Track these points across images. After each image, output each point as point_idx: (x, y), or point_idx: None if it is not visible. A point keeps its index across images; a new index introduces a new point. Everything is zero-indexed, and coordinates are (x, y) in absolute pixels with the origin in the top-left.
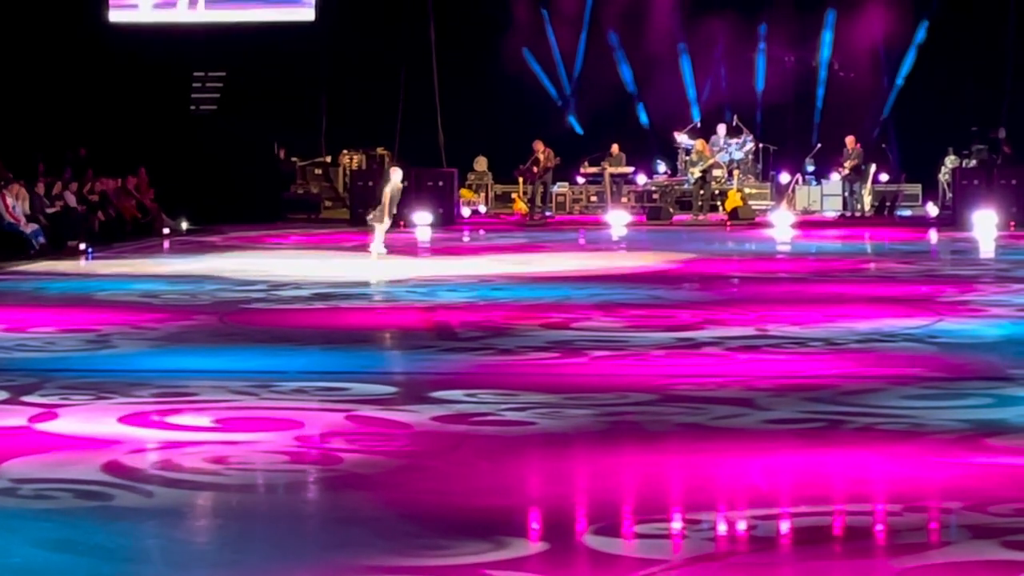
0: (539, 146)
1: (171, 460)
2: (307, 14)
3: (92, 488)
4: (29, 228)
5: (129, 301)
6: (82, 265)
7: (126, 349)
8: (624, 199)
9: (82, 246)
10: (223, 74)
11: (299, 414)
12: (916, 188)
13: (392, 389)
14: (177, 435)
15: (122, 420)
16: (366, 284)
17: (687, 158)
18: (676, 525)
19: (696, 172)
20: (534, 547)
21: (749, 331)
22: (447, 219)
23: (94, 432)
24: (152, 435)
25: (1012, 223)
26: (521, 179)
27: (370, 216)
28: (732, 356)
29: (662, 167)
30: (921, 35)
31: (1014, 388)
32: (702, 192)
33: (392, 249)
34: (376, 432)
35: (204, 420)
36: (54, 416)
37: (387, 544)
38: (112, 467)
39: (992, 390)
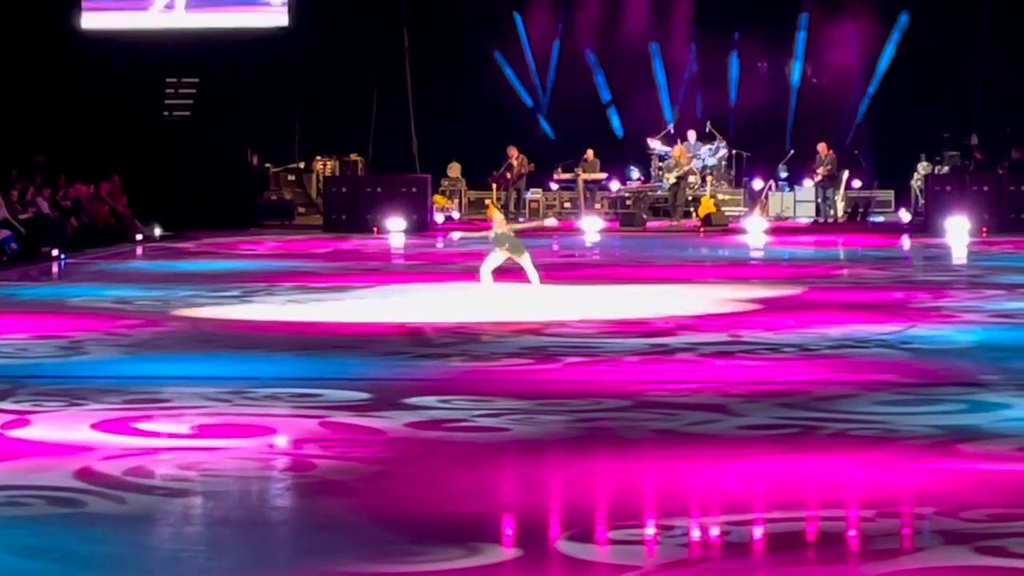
0: (513, 152)
1: (144, 467)
2: (280, 19)
3: (65, 495)
4: (1, 234)
5: (103, 307)
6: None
7: (99, 355)
8: (597, 205)
9: (55, 252)
10: (196, 80)
11: (272, 420)
12: (889, 194)
13: (365, 395)
14: (150, 441)
15: (95, 427)
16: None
17: (661, 164)
18: (649, 531)
19: (671, 178)
20: (508, 553)
21: (722, 337)
22: (420, 225)
23: (66, 439)
24: (125, 441)
25: (984, 229)
26: (495, 185)
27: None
28: (706, 362)
29: (635, 173)
30: (895, 39)
31: (986, 394)
32: (676, 197)
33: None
34: (351, 439)
35: (178, 426)
36: (27, 423)
37: (360, 551)
38: (85, 473)
39: (965, 396)
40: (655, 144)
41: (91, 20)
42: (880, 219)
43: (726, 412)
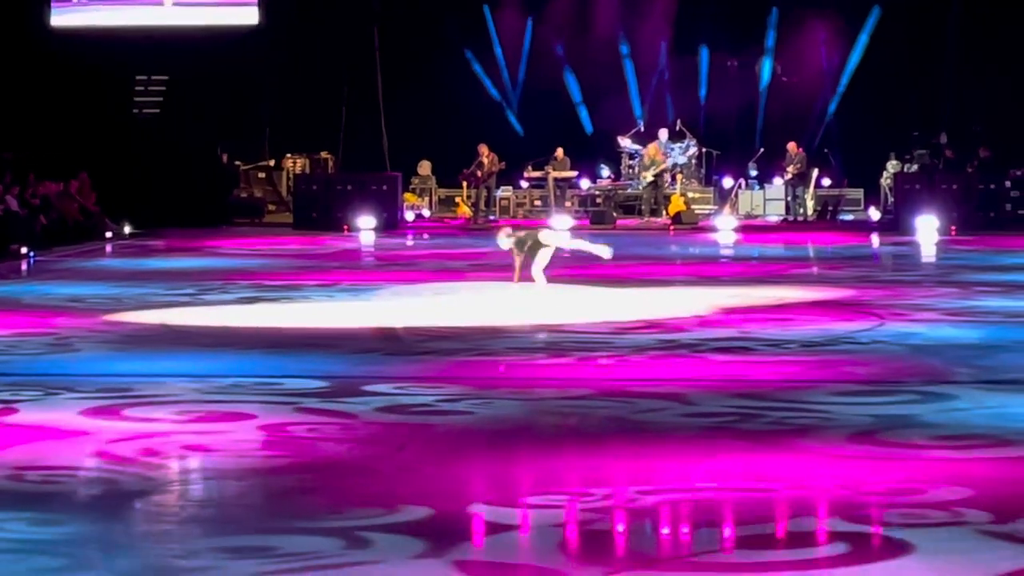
0: (484, 150)
1: (113, 458)
2: (251, 16)
3: (32, 487)
4: None
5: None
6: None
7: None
8: (568, 203)
9: (24, 250)
10: (166, 78)
11: (242, 407)
12: (858, 193)
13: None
14: (118, 433)
15: (69, 418)
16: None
17: (631, 162)
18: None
19: (648, 176)
20: (474, 550)
21: (693, 334)
22: (390, 223)
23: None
24: (96, 433)
25: (953, 227)
26: (465, 183)
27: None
28: (672, 360)
29: (606, 172)
30: (864, 38)
31: (951, 389)
32: (654, 196)
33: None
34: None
35: (150, 422)
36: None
37: (328, 547)
38: (57, 464)
39: (923, 389)
40: (625, 142)
41: (60, 17)
42: (850, 217)
43: (679, 402)
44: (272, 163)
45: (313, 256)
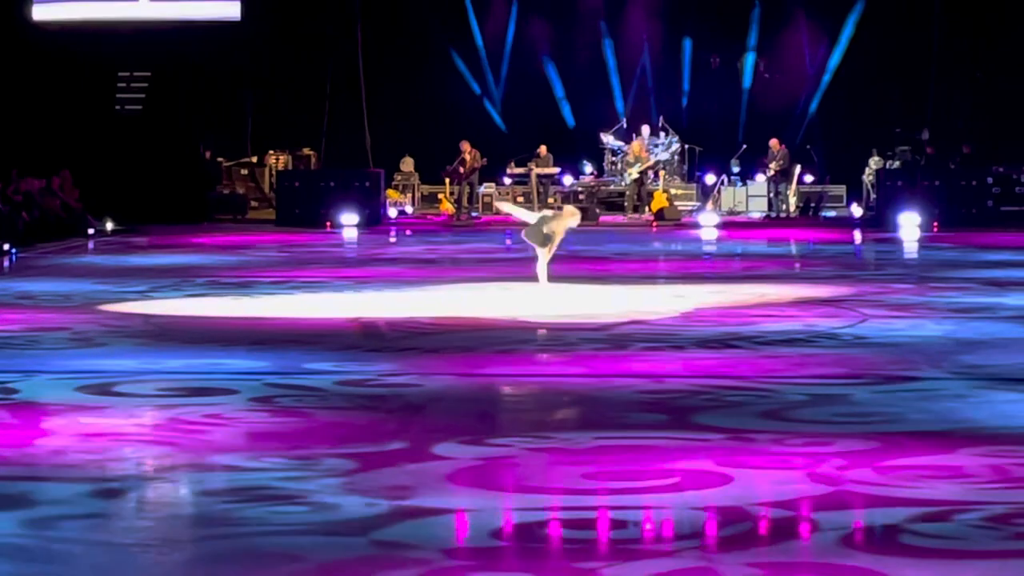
0: (466, 146)
1: (96, 461)
2: (233, 11)
3: (12, 488)
4: None
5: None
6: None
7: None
8: (551, 200)
9: (5, 246)
10: (148, 74)
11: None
12: (841, 189)
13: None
14: (101, 433)
15: (46, 418)
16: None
17: (614, 159)
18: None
19: (634, 173)
20: (457, 558)
21: (676, 330)
22: (373, 220)
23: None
24: (77, 433)
25: (935, 224)
26: (448, 179)
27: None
28: (653, 355)
29: (588, 168)
30: (847, 34)
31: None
32: (638, 192)
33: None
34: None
35: (131, 421)
36: None
37: (315, 554)
38: (36, 465)
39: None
40: (608, 139)
41: (42, 12)
42: (832, 214)
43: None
44: (255, 160)
45: (299, 253)
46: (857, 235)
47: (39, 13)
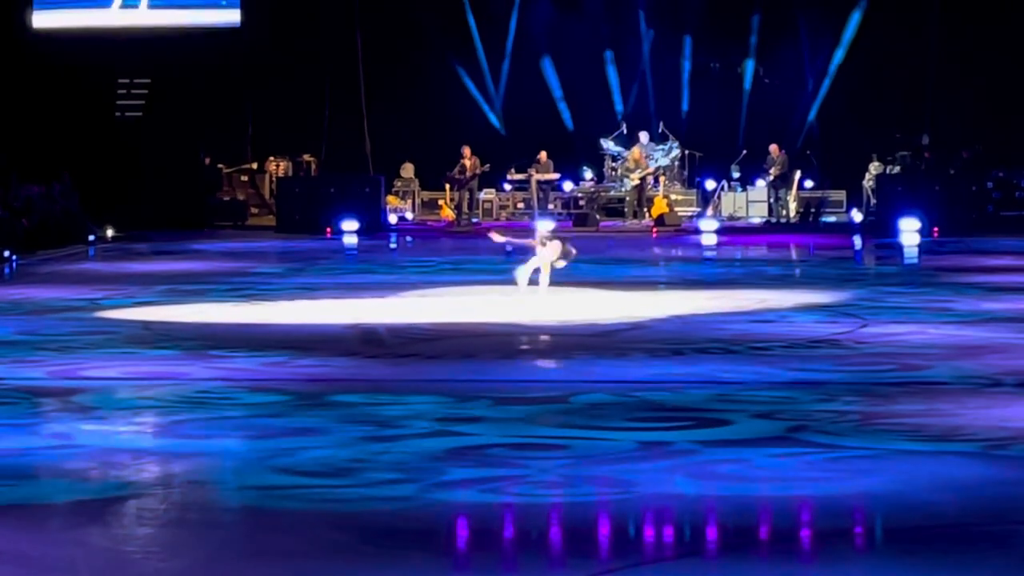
0: (467, 152)
1: (96, 465)
2: (233, 17)
3: (16, 495)
4: None
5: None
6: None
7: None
8: (551, 206)
9: (6, 253)
10: (148, 80)
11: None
12: (841, 194)
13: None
14: (107, 439)
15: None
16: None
17: (614, 165)
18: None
19: (635, 179)
20: (463, 553)
21: (674, 335)
22: (373, 226)
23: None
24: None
25: (935, 229)
26: (448, 185)
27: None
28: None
29: (588, 174)
30: (846, 40)
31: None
32: (638, 198)
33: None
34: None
35: (133, 425)
36: None
37: (312, 552)
38: (37, 471)
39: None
40: (608, 144)
41: (42, 19)
42: (832, 219)
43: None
44: (255, 166)
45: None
46: (857, 240)
47: (39, 20)
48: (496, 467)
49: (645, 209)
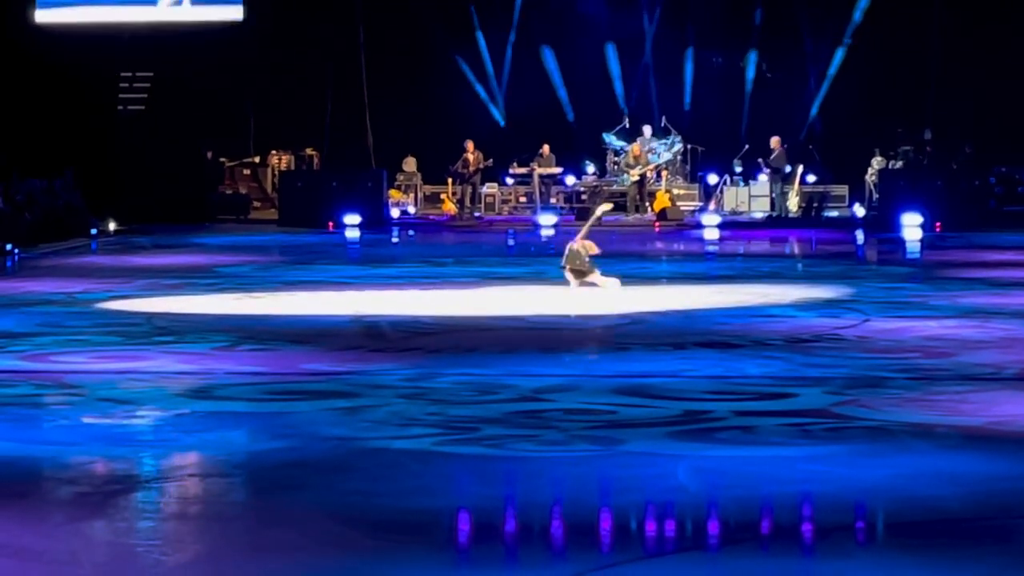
0: (470, 146)
1: (99, 459)
2: (235, 13)
3: (17, 488)
4: None
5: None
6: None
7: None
8: (553, 200)
9: (8, 247)
10: (150, 75)
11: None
12: (843, 189)
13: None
14: (109, 432)
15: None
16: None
17: (616, 159)
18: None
19: (635, 175)
20: (463, 548)
21: (677, 330)
22: (375, 220)
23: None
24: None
25: (938, 224)
26: (450, 179)
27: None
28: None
29: (591, 168)
30: (848, 37)
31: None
32: (639, 193)
33: None
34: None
35: (135, 418)
36: None
37: (315, 546)
38: (41, 466)
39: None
40: (610, 138)
41: (45, 15)
42: (834, 214)
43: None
44: (257, 160)
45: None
46: (859, 235)
47: (41, 16)
48: (496, 462)
49: (647, 204)
